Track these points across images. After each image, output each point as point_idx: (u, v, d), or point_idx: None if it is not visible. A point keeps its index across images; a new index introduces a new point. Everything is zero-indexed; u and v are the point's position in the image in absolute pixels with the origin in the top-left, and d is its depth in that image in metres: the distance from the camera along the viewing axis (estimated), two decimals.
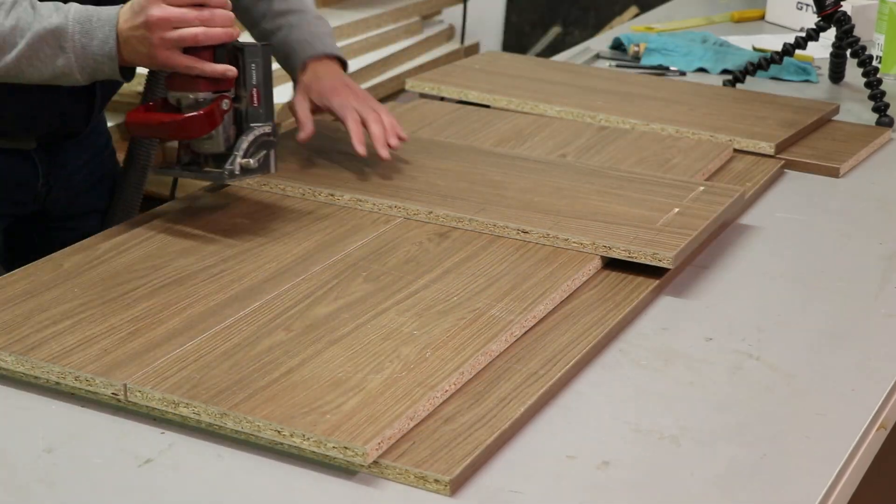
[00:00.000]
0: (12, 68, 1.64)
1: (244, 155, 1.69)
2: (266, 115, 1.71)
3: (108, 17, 1.62)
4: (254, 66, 1.69)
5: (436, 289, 1.59)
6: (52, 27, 1.61)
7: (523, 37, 5.11)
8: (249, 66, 1.69)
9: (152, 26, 1.60)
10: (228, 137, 1.70)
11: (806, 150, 2.20)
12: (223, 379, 1.37)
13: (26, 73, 1.64)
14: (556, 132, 2.19)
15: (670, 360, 1.52)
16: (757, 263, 1.80)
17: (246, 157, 1.69)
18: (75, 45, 1.62)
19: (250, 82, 1.69)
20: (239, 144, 1.69)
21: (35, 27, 1.62)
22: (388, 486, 1.26)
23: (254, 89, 1.70)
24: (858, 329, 1.63)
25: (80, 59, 1.63)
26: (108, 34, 1.62)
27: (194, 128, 1.66)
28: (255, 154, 1.70)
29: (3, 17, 1.61)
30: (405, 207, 1.81)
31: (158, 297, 1.54)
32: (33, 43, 1.62)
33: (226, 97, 1.67)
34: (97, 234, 1.73)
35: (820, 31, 2.48)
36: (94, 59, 1.63)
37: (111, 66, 1.64)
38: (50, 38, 1.62)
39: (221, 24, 1.63)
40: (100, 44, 1.62)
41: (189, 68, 1.63)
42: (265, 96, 1.71)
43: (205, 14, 1.61)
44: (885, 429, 1.45)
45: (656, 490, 1.28)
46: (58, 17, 1.62)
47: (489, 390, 1.40)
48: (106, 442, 1.32)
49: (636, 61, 2.75)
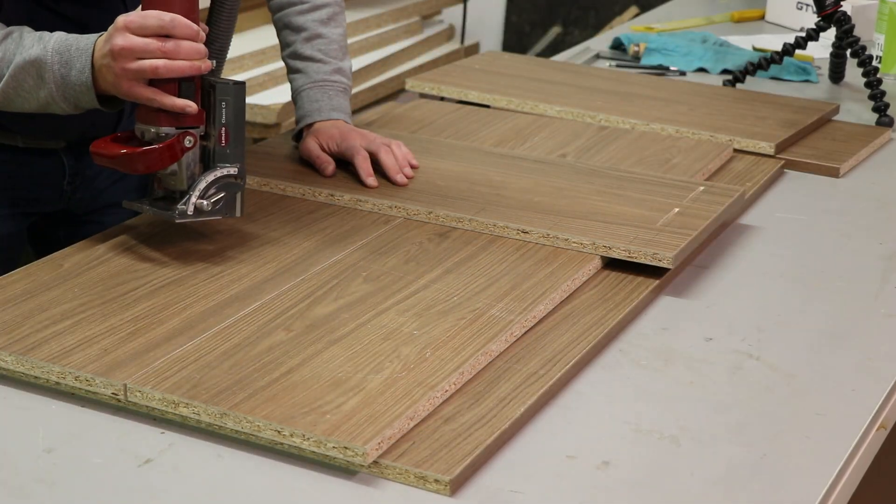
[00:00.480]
0: (6, 101, 1.64)
1: (200, 195, 1.63)
2: (234, 156, 1.65)
3: (86, 47, 1.61)
4: (224, 105, 1.63)
5: (436, 289, 1.59)
6: (32, 58, 1.61)
7: (523, 37, 5.11)
8: (220, 103, 1.63)
9: (116, 55, 1.57)
10: (192, 175, 1.64)
11: (806, 150, 2.20)
12: (223, 379, 1.37)
13: (15, 103, 1.65)
14: (556, 132, 2.19)
15: (670, 360, 1.52)
16: (757, 263, 1.80)
17: (202, 199, 1.63)
18: (55, 76, 1.61)
19: (219, 121, 1.63)
20: (196, 184, 1.63)
21: (17, 58, 1.62)
22: (388, 486, 1.26)
23: (223, 128, 1.64)
24: (858, 329, 1.63)
25: (60, 88, 1.62)
26: (84, 63, 1.60)
27: (151, 161, 1.60)
28: (214, 195, 1.64)
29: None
30: (405, 207, 1.81)
31: (158, 297, 1.54)
32: (16, 74, 1.62)
33: (190, 134, 1.61)
34: (97, 234, 1.73)
35: (820, 31, 2.48)
36: (74, 88, 1.62)
37: (89, 95, 1.62)
38: (31, 68, 1.61)
39: (186, 57, 1.57)
40: (77, 73, 1.61)
41: (149, 100, 1.59)
42: (235, 136, 1.64)
43: (168, 46, 1.56)
44: (885, 429, 1.45)
45: (656, 490, 1.28)
46: (38, 47, 1.62)
47: (489, 390, 1.40)
48: (106, 442, 1.32)
49: (636, 61, 2.75)
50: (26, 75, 1.62)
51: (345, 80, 1.99)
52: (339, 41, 2.00)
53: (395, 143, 1.92)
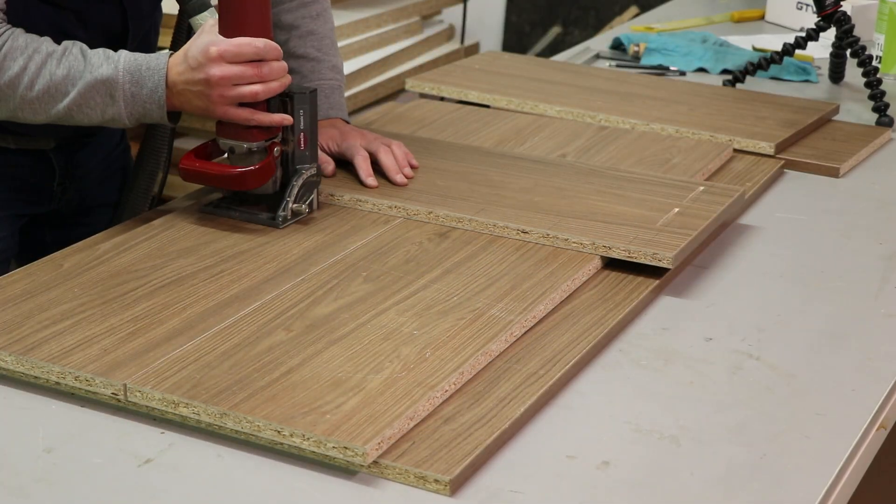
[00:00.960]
0: (63, 115, 1.67)
1: (295, 200, 1.74)
2: (311, 157, 1.76)
3: (158, 66, 1.66)
4: (302, 112, 1.73)
5: (436, 289, 1.59)
6: (104, 77, 1.64)
7: (523, 37, 5.11)
8: (298, 111, 1.73)
9: (213, 84, 1.64)
10: (276, 180, 1.74)
11: (806, 150, 2.20)
12: (223, 379, 1.37)
13: (76, 118, 1.68)
14: (556, 132, 2.19)
15: (670, 360, 1.52)
16: (757, 263, 1.80)
17: (297, 202, 1.74)
18: (125, 94, 1.66)
19: (298, 127, 1.74)
20: (290, 190, 1.74)
21: (86, 77, 1.64)
22: (388, 486, 1.26)
23: (301, 133, 1.74)
24: (858, 329, 1.63)
25: (129, 106, 1.66)
26: (157, 83, 1.66)
27: (251, 181, 1.71)
28: (304, 197, 1.75)
29: (56, 65, 1.64)
30: (405, 207, 1.81)
31: (158, 297, 1.54)
32: (85, 92, 1.65)
33: (276, 144, 1.72)
34: (97, 234, 1.73)
35: (820, 31, 2.48)
36: (143, 106, 1.67)
37: (160, 112, 1.67)
38: (101, 87, 1.65)
39: (277, 78, 1.67)
40: (149, 92, 1.66)
41: (248, 120, 1.68)
42: (311, 139, 1.75)
43: (263, 70, 1.66)
44: (885, 429, 1.45)
45: (656, 490, 1.28)
46: (108, 67, 1.65)
47: (489, 390, 1.40)
48: (106, 442, 1.32)
49: (636, 61, 2.75)
50: (95, 93, 1.65)
51: (339, 78, 1.99)
52: (330, 36, 2.01)
53: (395, 143, 1.92)
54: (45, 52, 1.64)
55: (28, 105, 1.65)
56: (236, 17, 1.66)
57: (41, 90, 1.64)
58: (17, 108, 1.65)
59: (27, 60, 1.63)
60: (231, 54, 1.64)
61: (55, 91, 1.64)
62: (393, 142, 1.92)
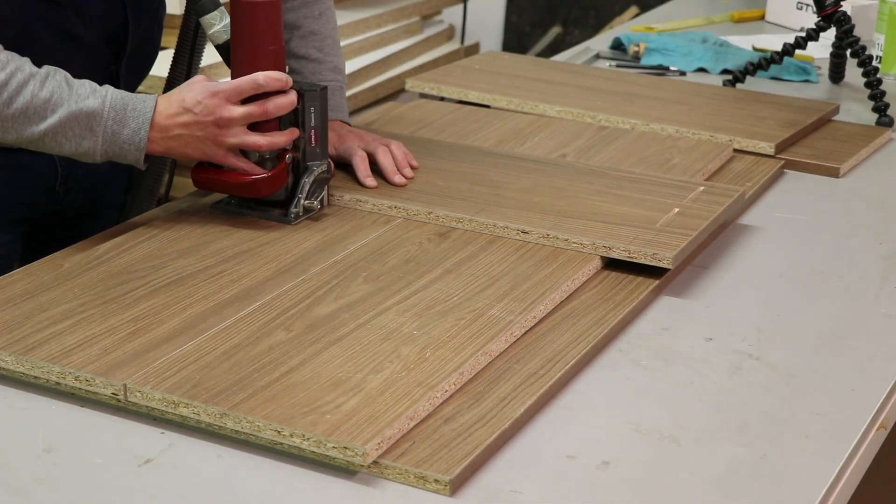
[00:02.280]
0: (35, 139, 1.64)
1: (307, 196, 1.75)
2: (322, 154, 1.77)
3: (144, 109, 1.65)
4: (313, 109, 1.74)
5: (436, 289, 1.59)
6: (89, 110, 1.63)
7: (523, 37, 5.11)
8: (309, 109, 1.74)
9: (222, 126, 1.66)
10: (287, 186, 1.75)
11: (806, 150, 2.20)
12: (223, 379, 1.37)
13: (47, 146, 1.65)
14: (556, 132, 2.19)
15: (670, 360, 1.52)
16: (757, 263, 1.80)
17: (308, 199, 1.75)
18: (105, 131, 1.64)
19: (309, 125, 1.75)
20: (302, 186, 1.75)
21: (70, 105, 1.62)
22: (388, 486, 1.26)
23: (312, 131, 1.75)
24: (858, 329, 1.63)
25: (106, 143, 1.64)
26: (140, 125, 1.64)
27: (264, 188, 1.73)
28: (316, 193, 1.76)
29: (38, 86, 1.61)
30: (405, 207, 1.81)
31: (158, 297, 1.54)
32: (66, 120, 1.62)
33: (289, 151, 1.74)
34: (97, 234, 1.73)
35: (820, 31, 2.48)
36: (121, 146, 1.65)
37: (136, 155, 1.66)
38: (83, 119, 1.62)
39: (283, 111, 1.70)
40: (130, 133, 1.64)
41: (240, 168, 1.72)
42: (322, 136, 1.76)
43: (269, 107, 1.68)
44: (885, 429, 1.45)
45: (656, 490, 1.28)
46: (94, 100, 1.63)
47: (489, 390, 1.40)
48: (106, 442, 1.32)
49: (636, 61, 2.75)
50: (75, 124, 1.63)
51: (340, 79, 1.99)
52: (332, 36, 2.01)
53: (393, 143, 1.92)
54: (28, 71, 1.61)
55: (1, 122, 1.61)
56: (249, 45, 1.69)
57: (19, 109, 1.60)
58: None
59: (8, 76, 1.60)
60: (234, 94, 1.65)
61: (33, 113, 1.61)
62: (392, 142, 1.92)
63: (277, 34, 1.71)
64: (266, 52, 1.69)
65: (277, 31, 1.71)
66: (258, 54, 1.69)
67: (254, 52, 1.69)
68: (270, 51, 1.70)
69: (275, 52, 1.70)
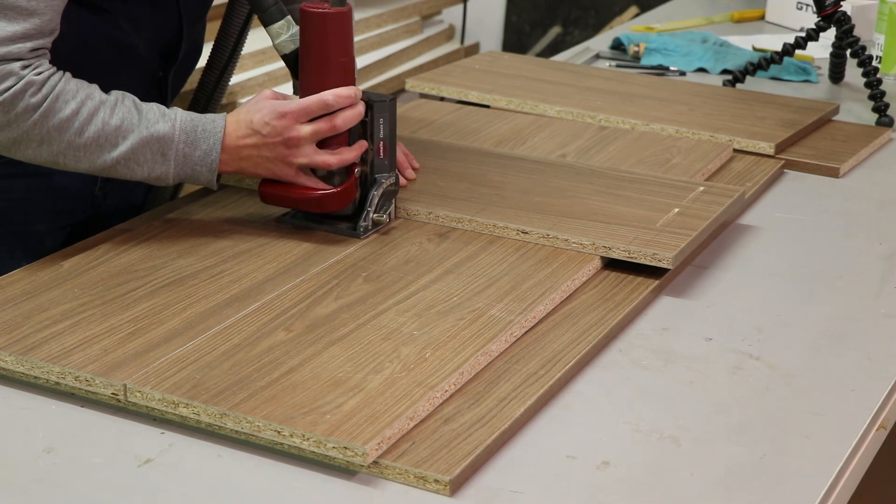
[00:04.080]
0: (108, 166, 1.62)
1: (375, 210, 1.72)
2: (390, 165, 1.73)
3: (214, 129, 1.64)
4: (382, 121, 1.71)
5: (436, 289, 1.59)
6: (160, 135, 1.62)
7: (523, 37, 5.11)
8: (378, 120, 1.71)
9: (292, 146, 1.64)
10: (355, 201, 1.72)
11: (806, 150, 2.20)
12: (223, 379, 1.37)
13: (119, 172, 1.63)
14: (556, 132, 2.19)
15: (670, 360, 1.52)
16: (757, 263, 1.80)
17: (377, 212, 1.72)
18: (177, 154, 1.63)
19: (377, 136, 1.71)
20: (371, 199, 1.71)
21: (141, 131, 1.61)
22: (388, 486, 1.26)
23: (381, 143, 1.71)
24: (858, 329, 1.63)
25: (178, 166, 1.64)
26: (212, 146, 1.64)
27: (332, 204, 1.70)
28: (385, 206, 1.73)
29: (109, 114, 1.60)
30: (405, 207, 1.80)
31: (158, 297, 1.54)
32: (137, 147, 1.61)
33: (357, 165, 1.70)
34: (97, 234, 1.73)
35: (820, 31, 2.48)
36: (193, 168, 1.65)
37: (208, 176, 1.65)
38: (155, 144, 1.62)
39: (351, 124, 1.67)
40: (202, 154, 1.64)
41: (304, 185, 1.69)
42: (390, 147, 1.72)
43: (337, 122, 1.65)
44: (885, 429, 1.45)
45: (656, 490, 1.28)
46: (164, 124, 1.62)
47: (489, 390, 1.40)
48: (106, 442, 1.32)
49: (636, 61, 2.75)
50: (147, 149, 1.61)
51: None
52: None
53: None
54: (98, 99, 1.60)
55: (73, 151, 1.59)
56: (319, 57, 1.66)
57: (91, 138, 1.59)
58: (61, 153, 1.60)
59: (79, 105, 1.58)
60: (303, 115, 1.64)
61: (105, 141, 1.60)
62: None
63: (348, 46, 1.67)
64: (336, 64, 1.66)
65: (348, 42, 1.67)
66: (328, 67, 1.65)
67: (323, 65, 1.65)
68: (340, 63, 1.66)
69: (344, 65, 1.66)
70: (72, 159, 1.61)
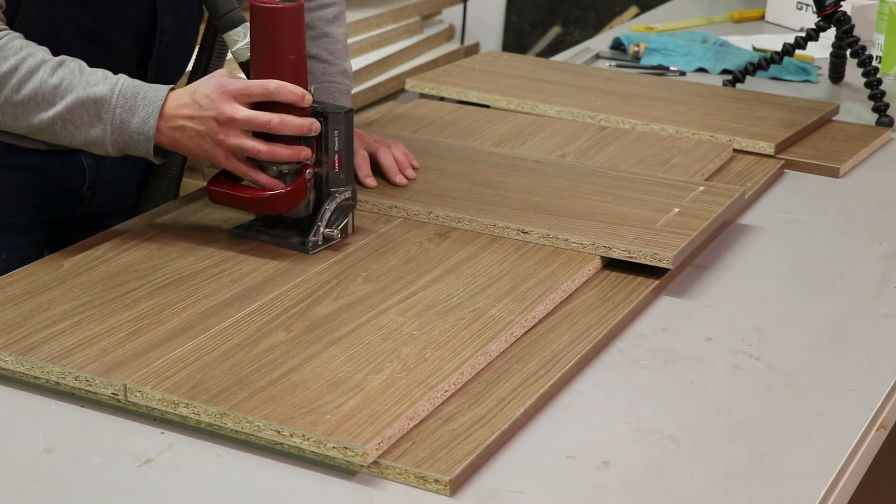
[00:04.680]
0: (45, 126, 1.61)
1: (327, 224, 1.68)
2: (346, 180, 1.69)
3: (155, 98, 1.60)
4: (336, 133, 1.66)
5: (436, 289, 1.59)
6: (96, 96, 1.59)
7: (523, 37, 5.11)
8: (332, 132, 1.66)
9: (221, 123, 1.59)
10: (309, 203, 1.68)
11: (806, 150, 2.20)
12: (223, 379, 1.37)
13: (58, 135, 1.62)
14: (556, 132, 2.19)
15: (670, 360, 1.52)
16: (757, 263, 1.80)
17: (329, 227, 1.68)
18: (114, 119, 1.60)
19: (332, 149, 1.67)
20: (322, 214, 1.67)
21: (78, 91, 1.59)
22: (388, 486, 1.26)
23: (336, 155, 1.67)
24: (858, 329, 1.63)
25: (115, 132, 1.60)
26: (150, 113, 1.60)
27: (281, 204, 1.65)
28: (338, 221, 1.69)
29: (49, 73, 1.59)
30: (405, 207, 1.81)
31: (158, 297, 1.54)
32: (73, 107, 1.59)
33: (309, 167, 1.66)
34: (97, 234, 1.73)
35: (820, 31, 2.48)
36: (130, 135, 1.61)
37: (146, 145, 1.61)
38: (91, 105, 1.59)
39: (292, 132, 1.61)
40: (140, 122, 1.60)
41: (244, 174, 1.65)
42: (346, 161, 1.68)
43: (273, 122, 1.59)
44: (885, 429, 1.45)
45: (656, 490, 1.28)
46: (104, 86, 1.59)
47: (489, 390, 1.40)
48: (106, 442, 1.32)
49: (636, 61, 2.75)
50: (83, 111, 1.59)
51: (348, 83, 1.98)
52: (343, 41, 2.00)
53: (395, 144, 1.92)
54: (41, 58, 1.59)
55: (10, 108, 1.59)
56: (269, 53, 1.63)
57: (28, 95, 1.58)
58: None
59: (19, 62, 1.58)
60: (242, 95, 1.60)
61: (42, 99, 1.59)
62: (393, 143, 1.92)
63: (299, 43, 1.64)
64: (285, 61, 1.62)
65: (299, 39, 1.64)
66: (277, 63, 1.62)
67: (273, 61, 1.62)
68: (290, 60, 1.62)
69: (295, 62, 1.63)
70: (10, 117, 1.60)
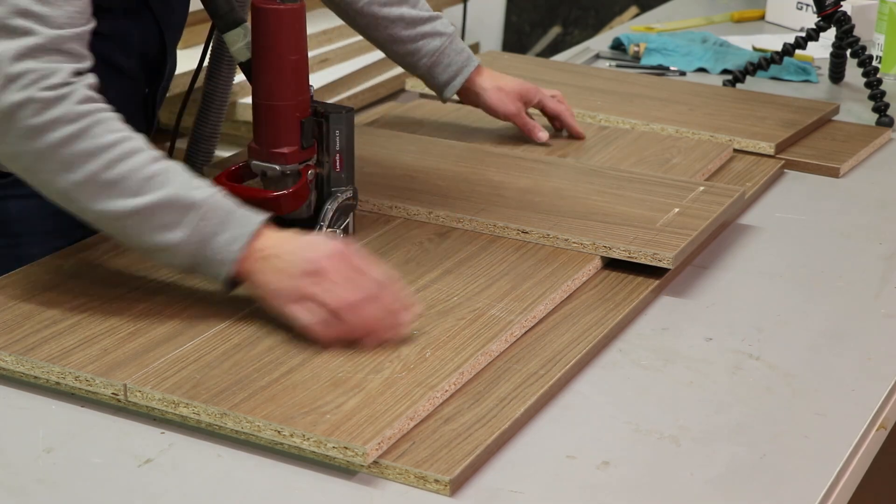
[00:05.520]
0: (117, 218, 1.42)
1: (329, 224, 1.66)
2: (347, 179, 1.68)
3: (250, 223, 1.44)
4: (338, 133, 1.65)
5: (436, 289, 1.59)
6: (192, 199, 1.41)
7: (523, 37, 5.11)
8: (334, 132, 1.65)
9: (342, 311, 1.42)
10: (310, 203, 1.67)
11: (806, 150, 2.20)
12: (223, 379, 1.37)
13: (127, 230, 1.43)
14: (556, 132, 2.19)
15: (670, 360, 1.52)
16: (757, 263, 1.80)
17: (331, 227, 1.66)
18: (200, 229, 1.42)
19: (334, 148, 1.66)
20: (324, 214, 1.66)
21: (176, 189, 1.41)
22: (388, 486, 1.26)
23: (337, 155, 1.66)
24: (858, 329, 1.63)
25: (193, 244, 1.42)
26: (238, 235, 1.42)
27: (284, 205, 1.63)
28: (339, 221, 1.68)
29: (150, 160, 1.42)
30: (405, 207, 1.81)
31: (158, 296, 1.54)
32: (162, 203, 1.41)
33: (310, 167, 1.65)
34: (97, 234, 1.73)
35: (820, 31, 2.48)
36: (210, 251, 1.43)
37: (220, 269, 1.43)
38: (182, 207, 1.41)
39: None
40: (226, 241, 1.42)
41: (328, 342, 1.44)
42: (347, 161, 1.68)
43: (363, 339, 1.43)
44: (885, 429, 1.45)
45: (656, 490, 1.28)
46: (202, 192, 1.43)
47: (489, 390, 1.40)
48: (106, 442, 1.32)
49: (636, 61, 2.75)
50: (172, 210, 1.41)
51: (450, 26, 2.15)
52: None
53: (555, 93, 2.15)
54: (143, 143, 1.44)
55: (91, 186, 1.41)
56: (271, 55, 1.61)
57: (118, 176, 1.40)
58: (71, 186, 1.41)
59: (121, 139, 1.42)
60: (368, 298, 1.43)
61: (130, 184, 1.41)
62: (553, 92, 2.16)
63: (300, 43, 1.61)
64: (287, 62, 1.60)
65: (301, 40, 1.61)
66: (279, 64, 1.60)
67: (275, 63, 1.60)
68: (291, 61, 1.60)
69: (296, 63, 1.61)
70: (85, 195, 1.42)
